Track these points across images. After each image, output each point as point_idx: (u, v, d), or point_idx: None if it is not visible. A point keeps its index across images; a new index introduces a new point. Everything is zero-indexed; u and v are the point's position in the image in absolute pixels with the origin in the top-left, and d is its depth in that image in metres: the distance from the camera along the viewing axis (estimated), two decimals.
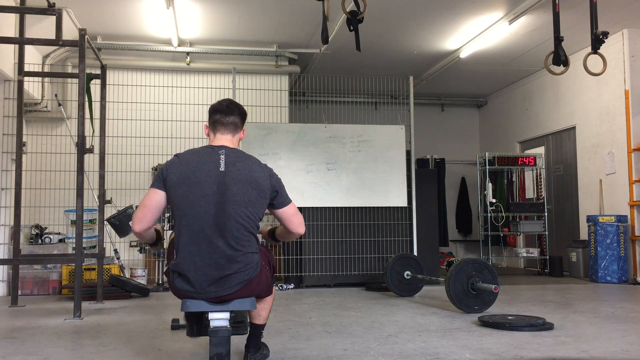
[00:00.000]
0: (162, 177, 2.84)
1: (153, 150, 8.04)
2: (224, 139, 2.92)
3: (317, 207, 7.29)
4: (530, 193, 10.00)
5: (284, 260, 7.56)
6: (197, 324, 2.89)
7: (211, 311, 2.72)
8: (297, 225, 2.98)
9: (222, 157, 2.80)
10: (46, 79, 7.75)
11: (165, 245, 3.40)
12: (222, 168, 2.77)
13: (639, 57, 7.75)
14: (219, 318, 2.73)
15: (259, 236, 3.08)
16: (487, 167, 9.07)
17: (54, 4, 5.50)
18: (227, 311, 2.74)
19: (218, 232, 2.70)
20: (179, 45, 8.39)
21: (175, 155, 2.89)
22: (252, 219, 2.78)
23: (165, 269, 3.07)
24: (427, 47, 8.67)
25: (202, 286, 2.68)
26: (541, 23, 7.54)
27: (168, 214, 7.22)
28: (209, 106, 2.97)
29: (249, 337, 3.09)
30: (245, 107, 3.10)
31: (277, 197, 2.91)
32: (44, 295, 6.74)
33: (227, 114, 2.93)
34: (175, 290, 2.78)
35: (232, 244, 2.70)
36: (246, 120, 3.07)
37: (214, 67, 8.73)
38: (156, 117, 8.13)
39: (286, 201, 2.96)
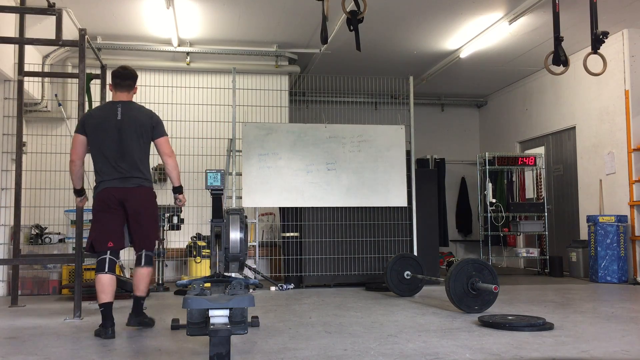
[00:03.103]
0: (82, 126, 4.29)
1: (153, 149, 8.03)
2: (122, 96, 4.39)
3: (317, 207, 7.29)
4: (530, 193, 10.01)
5: (284, 260, 7.56)
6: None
7: (211, 308, 2.73)
8: (167, 152, 4.38)
9: (119, 109, 4.28)
10: (46, 79, 7.75)
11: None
12: (119, 117, 4.25)
13: (639, 57, 7.75)
14: (218, 315, 2.74)
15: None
16: (487, 167, 9.07)
17: (54, 4, 5.50)
18: (226, 308, 2.75)
19: (120, 158, 4.19)
20: (179, 45, 8.39)
21: (88, 111, 4.63)
22: (141, 150, 4.27)
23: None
24: (427, 47, 8.68)
25: (112, 182, 4.16)
26: (541, 23, 7.54)
27: (168, 214, 7.23)
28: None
29: (133, 305, 4.30)
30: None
31: (154, 131, 4.34)
32: (44, 295, 6.74)
33: (123, 78, 4.42)
34: (97, 191, 4.22)
35: (130, 166, 4.21)
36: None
37: (214, 67, 8.73)
38: None
39: (162, 134, 4.40)
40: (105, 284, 4.04)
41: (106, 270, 4.06)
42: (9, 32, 6.43)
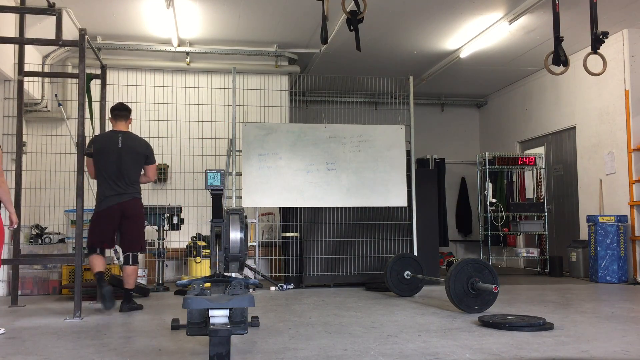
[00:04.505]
0: (90, 149, 5.31)
1: (153, 150, 8.04)
2: (120, 126, 5.45)
3: (317, 207, 7.29)
4: (530, 193, 10.01)
5: (284, 260, 7.56)
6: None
7: (211, 308, 2.73)
8: (151, 177, 5.59)
9: (120, 138, 5.35)
10: (46, 79, 7.75)
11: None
12: (120, 145, 5.31)
13: (639, 57, 7.75)
14: (218, 315, 2.75)
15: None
16: (487, 167, 9.07)
17: (54, 4, 5.51)
18: (226, 308, 2.75)
19: (118, 178, 5.26)
20: (179, 45, 8.39)
21: (95, 136, 5.69)
22: (135, 172, 5.37)
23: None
24: (427, 47, 8.68)
25: (112, 199, 5.25)
26: (541, 23, 7.54)
27: (168, 214, 7.23)
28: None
29: (124, 296, 5.31)
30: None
31: (147, 160, 5.46)
32: (44, 295, 6.74)
33: (120, 109, 5.48)
34: (100, 207, 5.32)
35: (126, 184, 5.29)
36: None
37: (214, 67, 8.74)
38: (156, 117, 8.14)
39: (152, 162, 5.52)
40: (97, 260, 5.20)
41: (97, 252, 5.25)
42: (9, 32, 6.43)
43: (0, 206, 4.56)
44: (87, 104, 5.94)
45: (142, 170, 5.50)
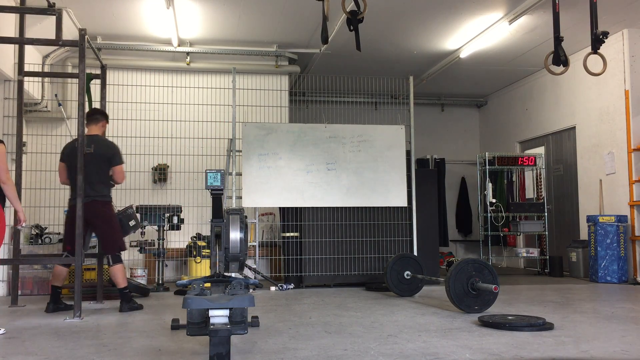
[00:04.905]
0: (62, 154, 5.53)
1: (153, 150, 8.05)
2: (93, 129, 5.52)
3: (317, 207, 7.29)
4: (530, 193, 10.01)
5: (284, 260, 7.56)
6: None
7: (211, 308, 2.73)
8: (119, 177, 5.51)
9: (88, 142, 5.33)
10: (46, 79, 7.75)
11: None
12: (87, 149, 5.25)
13: (639, 57, 7.75)
14: (218, 315, 2.75)
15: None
16: (487, 167, 9.07)
17: (54, 4, 5.51)
18: (226, 308, 2.75)
19: (87, 181, 5.20)
20: (179, 45, 8.39)
21: (68, 143, 5.64)
22: (99, 175, 5.36)
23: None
24: (427, 47, 8.68)
25: (76, 202, 5.10)
26: (541, 23, 7.54)
27: (168, 214, 7.23)
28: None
29: (120, 296, 5.36)
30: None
31: (112, 161, 5.44)
32: (44, 295, 6.74)
33: (92, 113, 5.63)
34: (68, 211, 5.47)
35: (90, 188, 5.27)
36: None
37: (214, 67, 8.73)
38: (156, 117, 8.14)
39: (117, 163, 5.47)
40: (60, 271, 5.38)
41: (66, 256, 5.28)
42: (9, 32, 6.43)
43: (5, 205, 4.56)
44: (87, 104, 5.94)
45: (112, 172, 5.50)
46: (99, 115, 5.60)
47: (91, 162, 5.26)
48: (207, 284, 3.65)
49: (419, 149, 9.63)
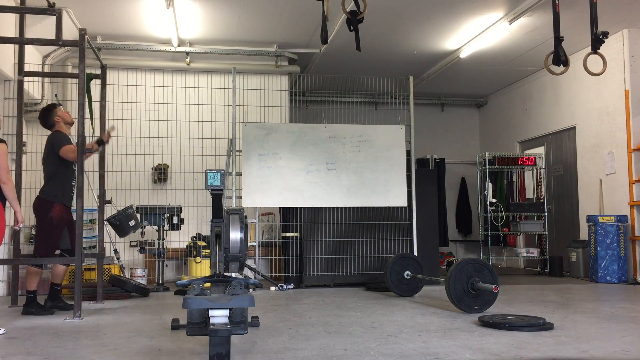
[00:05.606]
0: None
1: (153, 150, 8.05)
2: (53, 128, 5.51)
3: (317, 207, 7.29)
4: (530, 193, 10.00)
5: (284, 260, 7.56)
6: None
7: (211, 308, 2.73)
8: (64, 154, 5.25)
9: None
10: (46, 79, 7.75)
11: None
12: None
13: (639, 57, 7.75)
14: (218, 315, 2.75)
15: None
16: (487, 167, 9.07)
17: (54, 4, 5.50)
18: (226, 308, 2.75)
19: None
20: (179, 45, 8.39)
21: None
22: (46, 168, 5.34)
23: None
24: (427, 47, 8.68)
25: None
26: (541, 23, 7.54)
27: (168, 214, 7.23)
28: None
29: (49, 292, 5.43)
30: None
31: (53, 148, 5.27)
32: (44, 295, 6.73)
33: (38, 117, 5.61)
34: None
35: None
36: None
37: (214, 67, 8.74)
38: (156, 117, 8.14)
39: (59, 147, 5.27)
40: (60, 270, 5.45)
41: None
42: (9, 32, 6.43)
43: (6, 205, 4.56)
44: (87, 104, 5.94)
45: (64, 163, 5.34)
46: (40, 119, 5.58)
47: (43, 159, 5.39)
48: (207, 284, 3.65)
49: (419, 149, 9.64)
